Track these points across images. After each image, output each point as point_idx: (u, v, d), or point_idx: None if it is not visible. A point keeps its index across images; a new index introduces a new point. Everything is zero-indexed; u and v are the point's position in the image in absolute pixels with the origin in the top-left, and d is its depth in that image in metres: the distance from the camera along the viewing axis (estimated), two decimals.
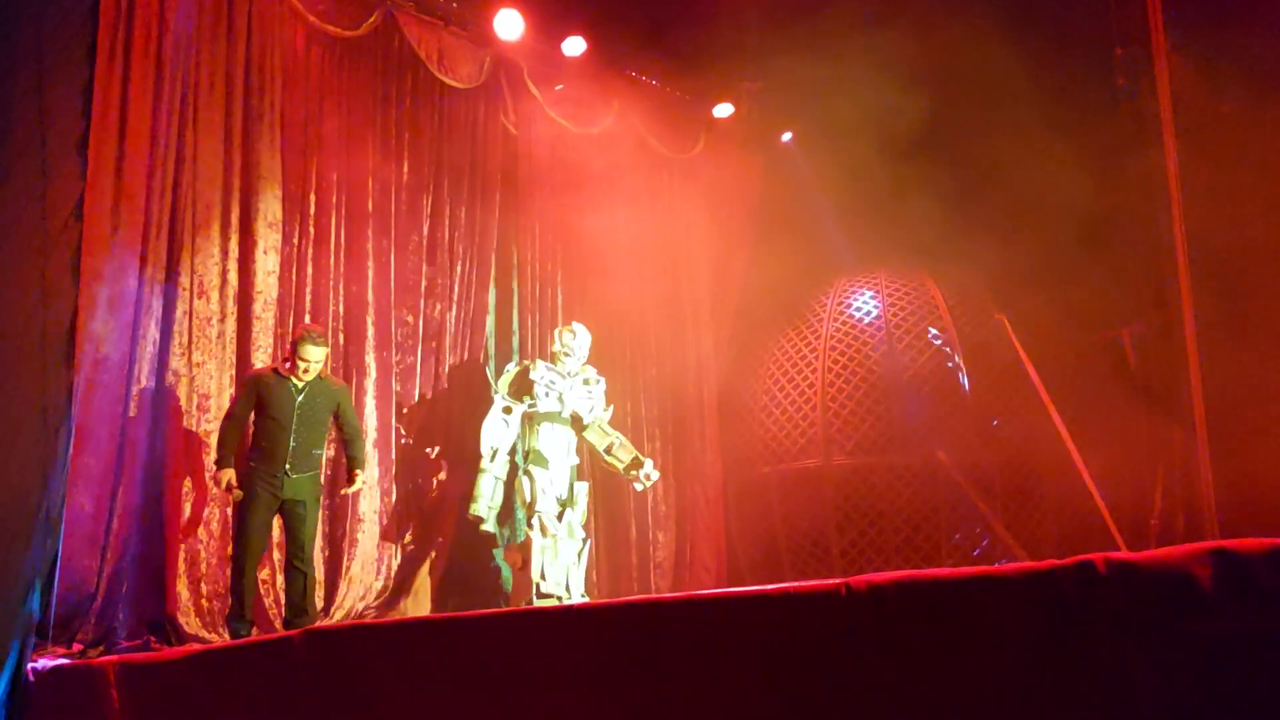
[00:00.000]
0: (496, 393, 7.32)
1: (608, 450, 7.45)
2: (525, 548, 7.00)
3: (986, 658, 2.77)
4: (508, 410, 7.20)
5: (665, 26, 8.86)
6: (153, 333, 6.36)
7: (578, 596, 6.97)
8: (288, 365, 6.08)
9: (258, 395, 5.98)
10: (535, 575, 6.81)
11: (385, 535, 7.39)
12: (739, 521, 9.45)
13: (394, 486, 7.51)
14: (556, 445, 7.27)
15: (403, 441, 7.64)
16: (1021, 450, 8.60)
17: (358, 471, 6.41)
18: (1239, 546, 2.53)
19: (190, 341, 6.54)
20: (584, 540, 7.17)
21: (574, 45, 8.66)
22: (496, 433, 7.17)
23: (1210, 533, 6.51)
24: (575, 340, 7.47)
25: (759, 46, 8.72)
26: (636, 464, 7.41)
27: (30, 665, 4.95)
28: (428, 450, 7.79)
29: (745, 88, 9.79)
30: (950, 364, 8.84)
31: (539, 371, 7.31)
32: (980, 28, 7.88)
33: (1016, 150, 7.97)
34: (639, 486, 7.53)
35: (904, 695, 2.86)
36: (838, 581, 3.01)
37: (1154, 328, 7.78)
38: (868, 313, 9.19)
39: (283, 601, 6.65)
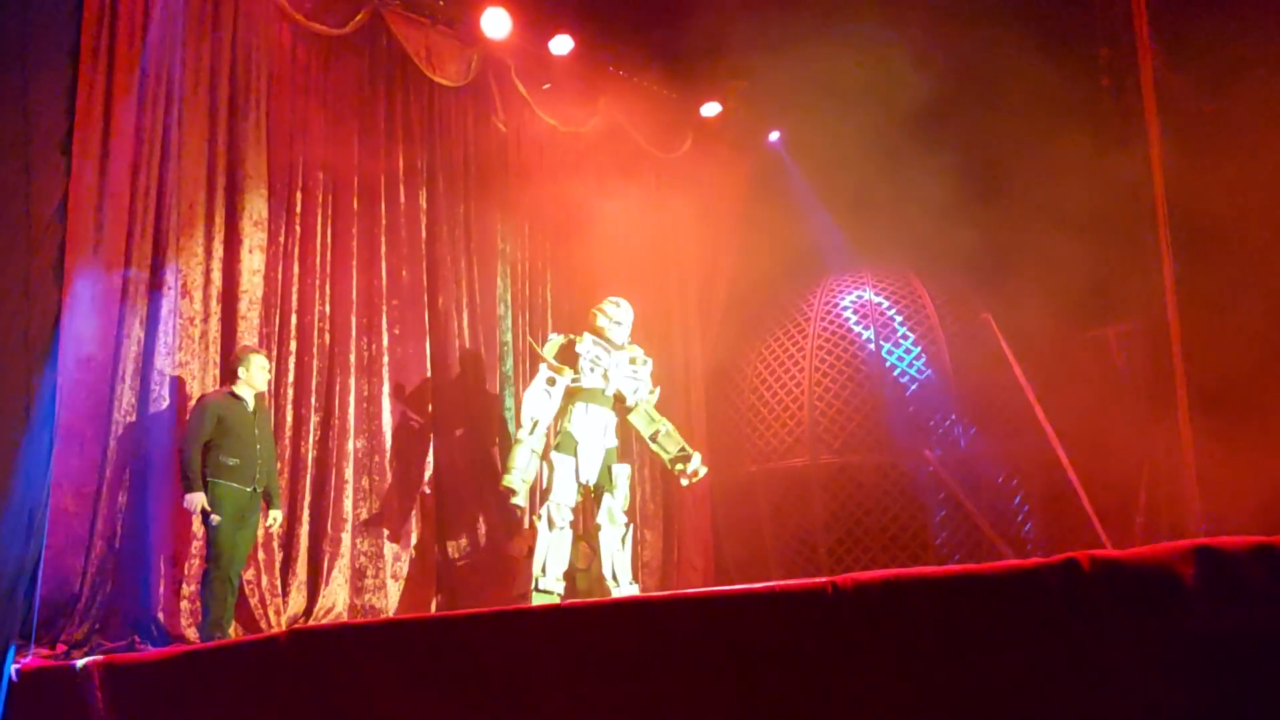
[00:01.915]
0: (543, 361, 6.86)
1: (653, 437, 7.04)
2: (532, 536, 6.69)
3: (972, 655, 2.78)
4: (551, 382, 6.76)
5: (653, 25, 8.85)
6: (137, 332, 6.34)
7: (626, 584, 6.60)
8: (233, 384, 6.09)
9: (218, 419, 5.92)
10: (536, 569, 6.46)
11: (370, 534, 7.36)
12: (726, 520, 9.45)
13: (376, 484, 7.48)
14: (591, 427, 6.79)
15: (386, 435, 7.60)
16: (1008, 448, 8.63)
17: (276, 512, 6.33)
18: (1223, 544, 2.54)
19: (175, 341, 6.51)
20: (626, 525, 6.76)
21: (561, 44, 8.65)
22: (539, 404, 6.72)
23: (1195, 531, 6.54)
24: (621, 311, 7.03)
25: (746, 45, 8.72)
26: (684, 456, 6.97)
27: (14, 666, 4.93)
28: (412, 444, 7.75)
29: (733, 87, 9.79)
30: (936, 362, 8.86)
31: (585, 345, 6.85)
32: (967, 29, 7.90)
33: (1003, 149, 8.00)
34: (684, 481, 7.08)
35: (890, 693, 2.87)
36: (824, 580, 3.02)
37: (1140, 327, 7.81)
38: (854, 311, 9.21)
39: (265, 601, 6.64)
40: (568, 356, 6.86)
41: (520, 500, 6.68)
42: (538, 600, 6.27)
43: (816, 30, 8.03)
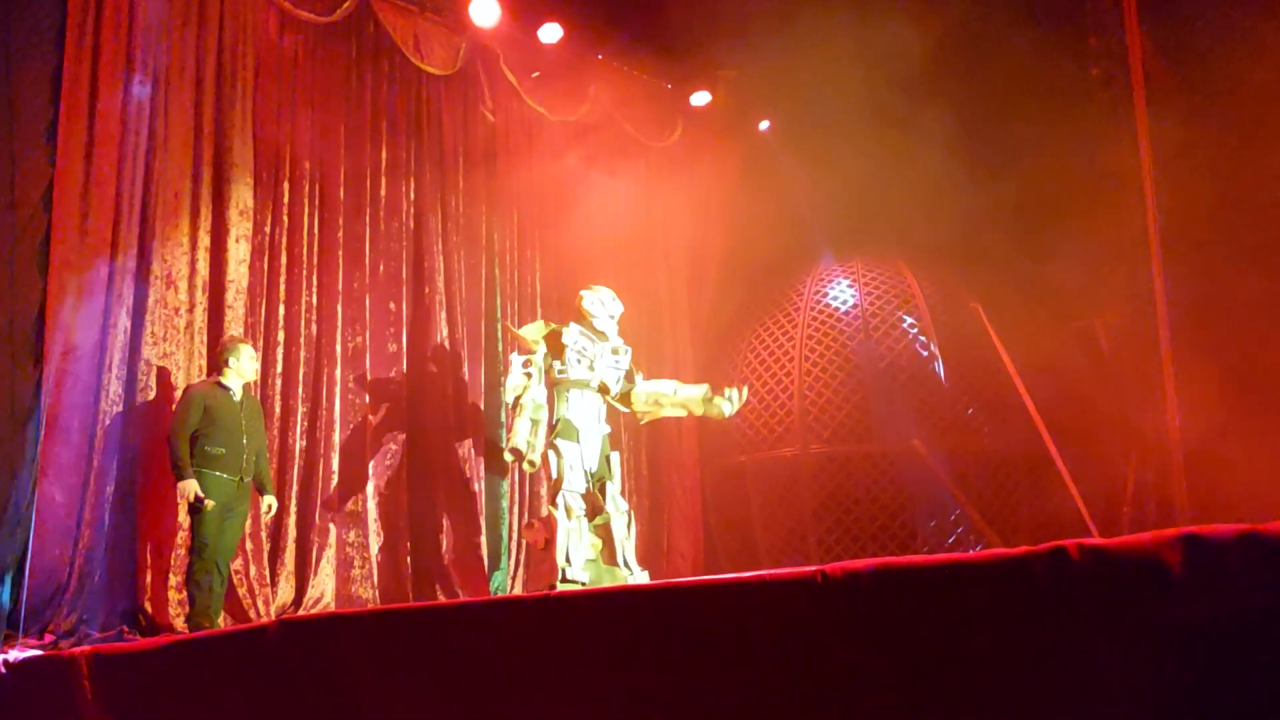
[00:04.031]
0: (533, 341, 6.84)
1: (671, 403, 6.98)
2: (549, 526, 6.52)
3: (961, 643, 2.79)
4: (527, 364, 6.71)
5: (643, 14, 8.82)
6: (124, 322, 6.30)
7: (638, 571, 6.62)
8: (219, 374, 6.07)
9: (204, 408, 5.91)
10: (560, 560, 6.36)
11: (358, 524, 7.35)
12: (716, 510, 9.47)
13: (360, 476, 7.46)
14: (587, 413, 6.75)
15: (373, 426, 7.59)
16: (996, 438, 8.66)
17: (270, 499, 6.33)
18: (1210, 532, 2.55)
19: (162, 331, 6.48)
20: (628, 511, 6.79)
21: (550, 32, 8.61)
22: (519, 383, 6.67)
23: (1182, 519, 6.57)
24: (617, 305, 7.03)
25: (736, 34, 8.70)
26: (711, 396, 6.91)
27: (2, 657, 4.91)
28: (394, 437, 7.73)
29: (723, 75, 9.78)
30: (925, 352, 8.88)
31: (571, 335, 6.80)
32: (956, 16, 7.90)
33: (992, 139, 8.00)
34: (728, 409, 6.95)
35: (879, 681, 2.88)
36: (814, 569, 3.02)
37: (1127, 316, 7.84)
38: (844, 301, 9.22)
39: (254, 591, 6.63)
40: (555, 345, 6.83)
41: (535, 457, 6.57)
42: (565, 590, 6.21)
43: (806, 20, 8.02)
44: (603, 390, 6.91)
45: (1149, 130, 7.01)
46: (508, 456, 6.76)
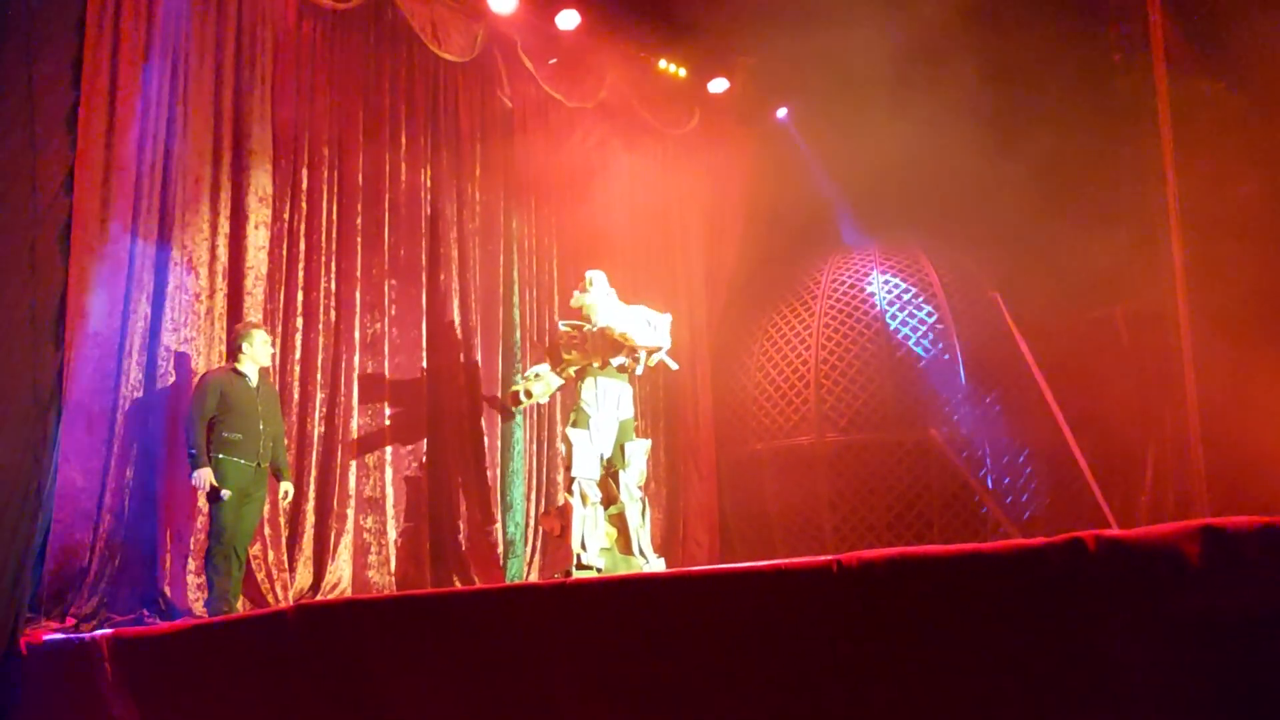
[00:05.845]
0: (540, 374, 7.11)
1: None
2: (565, 514, 6.59)
3: (978, 634, 2.78)
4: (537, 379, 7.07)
5: (661, 1, 8.79)
6: (144, 307, 6.35)
7: (653, 559, 6.67)
8: (235, 361, 6.08)
9: (221, 394, 5.92)
10: (576, 545, 6.42)
11: (373, 511, 7.39)
12: (731, 498, 9.47)
13: (378, 461, 7.50)
14: (604, 400, 6.78)
15: (391, 413, 7.61)
16: (1014, 428, 8.62)
17: (287, 485, 6.35)
18: (1229, 524, 2.53)
19: (182, 317, 6.52)
20: (641, 500, 6.82)
21: (568, 19, 8.59)
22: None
23: (1201, 511, 6.53)
24: (595, 287, 6.98)
25: (755, 21, 8.66)
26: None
27: (23, 639, 4.96)
28: (411, 424, 7.76)
29: (741, 63, 9.74)
30: (943, 341, 8.84)
31: (558, 333, 7.03)
32: (978, 5, 7.84)
33: (1012, 126, 7.94)
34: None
35: (894, 671, 2.87)
36: (830, 558, 3.01)
37: (1147, 306, 7.78)
38: (862, 289, 9.19)
39: (273, 576, 6.67)
40: (552, 355, 7.01)
41: (527, 393, 7.00)
42: (580, 576, 6.23)
43: (825, 6, 7.97)
44: (604, 366, 6.87)
45: (1170, 116, 6.94)
46: (515, 407, 7.21)
